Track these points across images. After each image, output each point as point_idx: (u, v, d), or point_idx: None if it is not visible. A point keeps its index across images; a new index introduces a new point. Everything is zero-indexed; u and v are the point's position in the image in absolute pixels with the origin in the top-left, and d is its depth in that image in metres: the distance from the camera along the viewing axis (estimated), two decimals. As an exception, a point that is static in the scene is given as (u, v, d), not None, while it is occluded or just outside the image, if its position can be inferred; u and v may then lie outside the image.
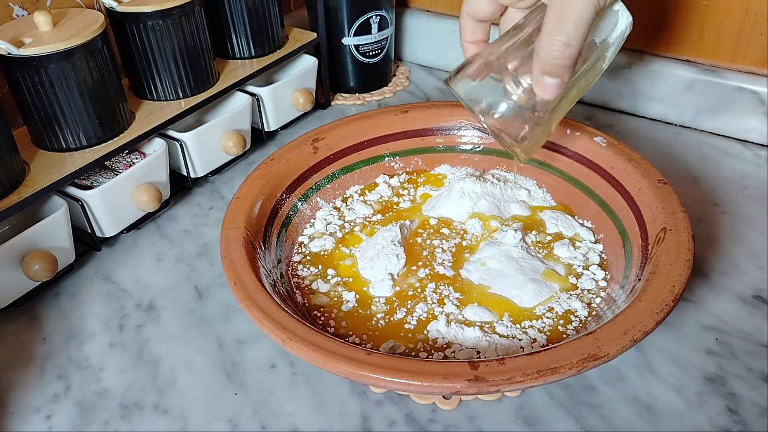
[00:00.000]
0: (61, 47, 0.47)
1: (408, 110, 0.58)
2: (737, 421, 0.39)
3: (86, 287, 0.51)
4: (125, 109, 0.55)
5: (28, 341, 0.47)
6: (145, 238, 0.56)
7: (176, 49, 0.56)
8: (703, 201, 0.57)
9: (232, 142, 0.60)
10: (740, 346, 0.44)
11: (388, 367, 0.35)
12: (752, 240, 0.52)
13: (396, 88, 0.78)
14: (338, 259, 0.49)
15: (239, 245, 0.44)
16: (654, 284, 0.39)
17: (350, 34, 0.72)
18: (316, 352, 0.36)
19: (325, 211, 0.54)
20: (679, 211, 0.44)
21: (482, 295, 0.45)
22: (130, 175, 0.53)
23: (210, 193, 0.61)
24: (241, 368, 0.44)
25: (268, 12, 0.64)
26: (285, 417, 0.41)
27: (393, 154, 0.58)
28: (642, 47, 0.68)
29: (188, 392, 0.43)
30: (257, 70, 0.64)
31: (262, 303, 0.39)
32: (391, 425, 0.40)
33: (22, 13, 0.55)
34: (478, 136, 0.57)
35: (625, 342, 0.36)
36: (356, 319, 0.44)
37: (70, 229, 0.50)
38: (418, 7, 0.81)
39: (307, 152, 0.54)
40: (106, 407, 0.42)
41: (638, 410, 0.40)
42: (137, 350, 0.46)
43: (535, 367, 0.34)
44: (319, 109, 0.74)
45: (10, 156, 0.47)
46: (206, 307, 0.49)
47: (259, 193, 0.49)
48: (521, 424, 0.40)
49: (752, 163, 0.62)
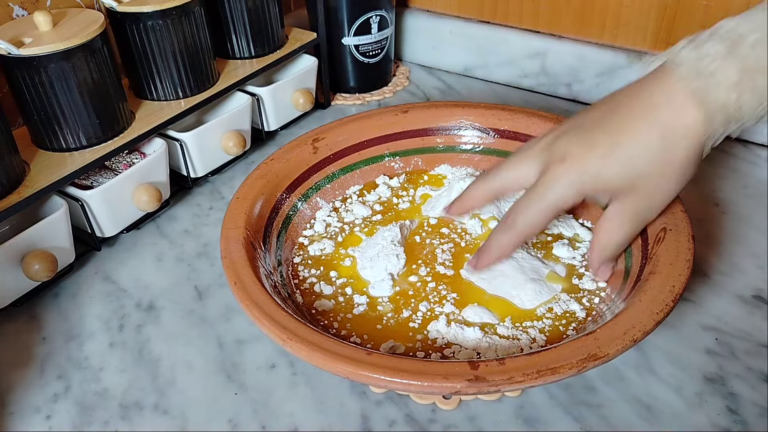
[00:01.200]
0: (61, 47, 0.47)
1: (408, 110, 0.58)
2: (737, 421, 0.39)
3: (86, 287, 0.51)
4: (125, 109, 0.55)
5: (28, 341, 0.47)
6: (145, 238, 0.56)
7: (176, 49, 0.56)
8: (703, 201, 0.57)
9: (232, 142, 0.60)
10: (740, 346, 0.44)
11: (388, 367, 0.35)
12: (752, 240, 0.52)
13: (396, 88, 0.78)
14: (338, 260, 0.49)
15: (239, 245, 0.44)
16: (654, 284, 0.39)
17: (350, 34, 0.72)
18: (316, 352, 0.36)
19: (324, 211, 0.54)
20: (679, 211, 0.44)
21: (482, 296, 0.45)
22: (130, 175, 0.53)
23: (210, 193, 0.61)
24: (241, 368, 0.44)
25: (268, 12, 0.64)
26: (285, 417, 0.41)
27: (393, 154, 0.58)
28: (642, 47, 0.68)
29: (188, 392, 0.43)
30: (257, 70, 0.64)
31: (262, 303, 0.39)
32: (391, 425, 0.40)
33: (22, 13, 0.55)
34: (478, 136, 0.57)
35: (625, 342, 0.36)
36: (356, 319, 0.44)
37: (70, 229, 0.50)
38: (418, 7, 0.81)
39: (307, 152, 0.54)
40: (106, 407, 0.42)
41: (638, 410, 0.40)
42: (137, 350, 0.46)
43: (535, 367, 0.34)
44: (319, 109, 0.74)
45: (10, 156, 0.47)
46: (206, 307, 0.49)
47: (259, 193, 0.49)
48: (521, 424, 0.40)
49: (752, 163, 0.62)
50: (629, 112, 0.38)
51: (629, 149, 0.37)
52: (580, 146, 0.38)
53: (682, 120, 0.37)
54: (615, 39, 0.69)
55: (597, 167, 0.38)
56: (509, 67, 0.76)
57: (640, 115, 0.37)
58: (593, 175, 0.38)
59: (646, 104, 0.37)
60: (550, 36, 0.73)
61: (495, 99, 0.75)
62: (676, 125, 0.37)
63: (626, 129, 0.38)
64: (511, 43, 0.75)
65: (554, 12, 0.72)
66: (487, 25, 0.76)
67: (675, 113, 0.37)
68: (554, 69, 0.73)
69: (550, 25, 0.73)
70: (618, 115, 0.38)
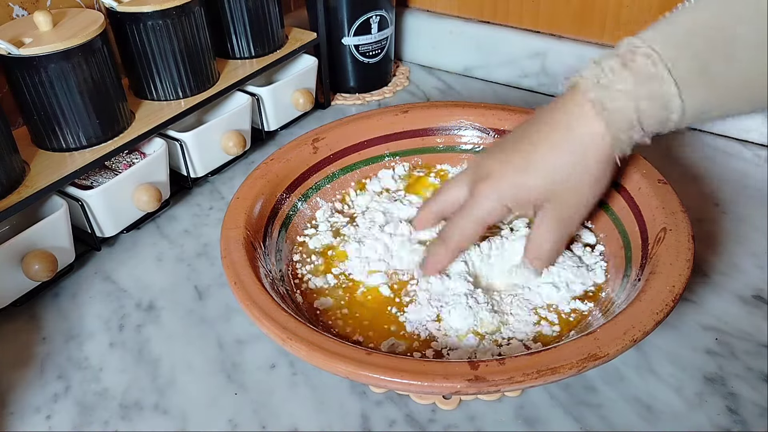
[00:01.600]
0: (60, 47, 0.47)
1: (408, 110, 0.58)
2: (737, 421, 0.39)
3: (86, 287, 0.51)
4: (125, 109, 0.55)
5: (28, 341, 0.47)
6: (145, 238, 0.56)
7: (176, 49, 0.56)
8: (703, 201, 0.57)
9: (232, 142, 0.60)
10: (740, 346, 0.44)
11: (388, 367, 0.35)
12: (752, 240, 0.52)
13: (396, 88, 0.78)
14: (338, 259, 0.49)
15: (239, 245, 0.44)
16: (654, 284, 0.39)
17: (350, 34, 0.72)
18: (316, 352, 0.36)
19: (324, 210, 0.54)
20: (679, 211, 0.44)
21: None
22: (130, 175, 0.53)
23: (210, 193, 0.61)
24: (241, 368, 0.44)
25: (268, 12, 0.64)
26: (285, 417, 0.41)
27: (393, 154, 0.58)
28: (642, 47, 0.68)
29: (188, 392, 0.43)
30: (257, 70, 0.64)
31: (262, 303, 0.39)
32: (391, 425, 0.40)
33: (22, 13, 0.55)
34: (478, 136, 0.57)
35: (625, 342, 0.36)
36: (356, 319, 0.44)
37: (70, 229, 0.50)
38: (418, 7, 0.81)
39: (307, 152, 0.54)
40: (106, 407, 0.42)
41: (638, 410, 0.40)
42: (137, 350, 0.46)
43: (535, 367, 0.34)
44: (319, 109, 0.74)
45: (10, 156, 0.47)
46: (206, 307, 0.49)
47: (259, 193, 0.49)
48: (521, 424, 0.40)
49: (752, 163, 0.62)
50: (545, 126, 0.41)
51: (545, 161, 0.40)
52: (500, 163, 0.42)
53: (589, 130, 0.39)
54: (615, 39, 0.69)
55: (516, 180, 0.41)
56: (509, 67, 0.76)
57: (555, 128, 0.40)
58: (513, 187, 0.41)
59: (559, 118, 0.40)
60: (550, 36, 0.73)
61: (495, 99, 0.75)
62: (585, 136, 0.39)
63: (542, 142, 0.40)
64: (511, 43, 0.75)
65: (554, 12, 0.72)
66: (487, 25, 0.76)
67: (583, 124, 0.39)
68: (554, 69, 0.73)
69: (550, 25, 0.73)
70: (535, 130, 0.41)
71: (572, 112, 0.40)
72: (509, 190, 0.41)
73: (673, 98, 0.37)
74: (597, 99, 0.39)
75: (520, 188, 0.41)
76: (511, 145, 0.42)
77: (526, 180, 0.41)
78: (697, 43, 0.37)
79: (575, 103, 0.40)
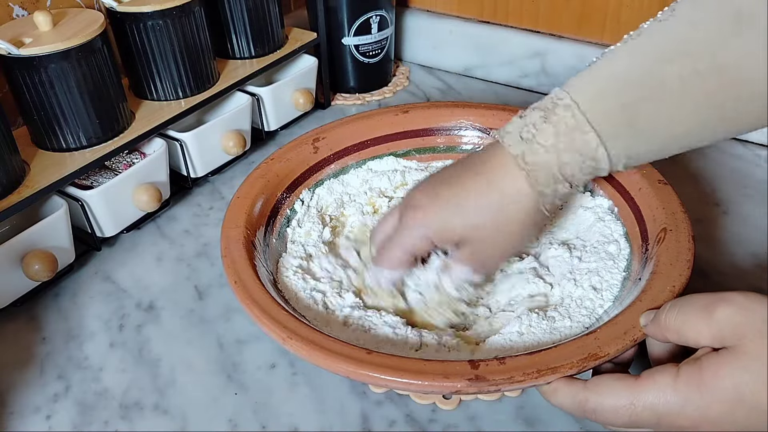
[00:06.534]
0: (60, 47, 0.47)
1: (408, 110, 0.58)
2: (737, 420, 0.39)
3: (86, 287, 0.51)
4: (125, 109, 0.55)
5: (28, 341, 0.47)
6: (145, 238, 0.56)
7: (176, 49, 0.56)
8: (703, 201, 0.57)
9: (232, 142, 0.60)
10: (740, 345, 0.44)
11: (388, 366, 0.35)
12: (752, 240, 0.52)
13: (396, 88, 0.78)
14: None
15: (239, 245, 0.44)
16: (654, 284, 0.39)
17: (350, 34, 0.72)
18: (317, 351, 0.36)
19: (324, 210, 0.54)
20: (679, 211, 0.44)
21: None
22: (130, 175, 0.53)
23: (210, 193, 0.61)
24: (241, 368, 0.44)
25: (268, 12, 0.64)
26: (285, 417, 0.41)
27: (393, 154, 0.58)
28: (642, 47, 0.68)
29: (188, 392, 0.43)
30: (257, 70, 0.64)
31: (262, 302, 0.39)
32: (391, 425, 0.40)
33: (22, 13, 0.55)
34: (479, 136, 0.57)
35: (626, 342, 0.36)
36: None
37: (70, 229, 0.50)
38: (418, 7, 0.81)
39: (307, 152, 0.54)
40: (106, 407, 0.42)
41: (638, 410, 0.40)
42: (137, 350, 0.46)
43: (535, 367, 0.34)
44: (319, 109, 0.74)
45: (10, 156, 0.47)
46: (206, 307, 0.49)
47: (260, 193, 0.49)
48: (521, 424, 0.40)
49: (752, 163, 0.62)
50: (473, 172, 0.41)
51: (468, 205, 0.40)
52: (429, 197, 0.42)
53: (513, 184, 0.39)
54: (615, 39, 0.69)
55: (441, 216, 0.41)
56: (509, 67, 0.76)
57: (482, 176, 0.40)
58: (438, 222, 0.41)
59: (487, 168, 0.40)
60: (550, 36, 0.73)
61: (495, 99, 0.75)
62: (508, 189, 0.39)
63: (469, 187, 0.40)
64: (511, 43, 0.75)
65: (554, 12, 0.72)
66: (487, 25, 0.76)
67: (506, 178, 0.39)
68: (554, 69, 0.73)
69: (550, 25, 0.73)
70: (465, 173, 0.41)
71: (494, 168, 0.40)
72: (434, 224, 0.41)
73: (597, 148, 0.37)
74: (520, 154, 0.38)
75: (444, 224, 0.41)
76: (443, 181, 0.42)
77: (450, 218, 0.41)
78: (619, 89, 0.37)
79: (498, 159, 0.40)
